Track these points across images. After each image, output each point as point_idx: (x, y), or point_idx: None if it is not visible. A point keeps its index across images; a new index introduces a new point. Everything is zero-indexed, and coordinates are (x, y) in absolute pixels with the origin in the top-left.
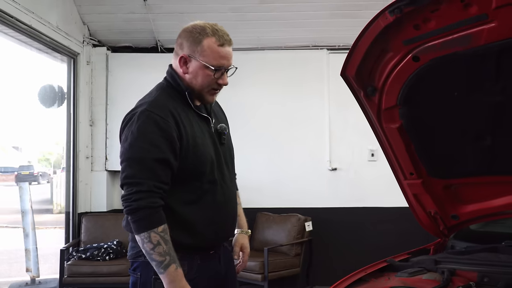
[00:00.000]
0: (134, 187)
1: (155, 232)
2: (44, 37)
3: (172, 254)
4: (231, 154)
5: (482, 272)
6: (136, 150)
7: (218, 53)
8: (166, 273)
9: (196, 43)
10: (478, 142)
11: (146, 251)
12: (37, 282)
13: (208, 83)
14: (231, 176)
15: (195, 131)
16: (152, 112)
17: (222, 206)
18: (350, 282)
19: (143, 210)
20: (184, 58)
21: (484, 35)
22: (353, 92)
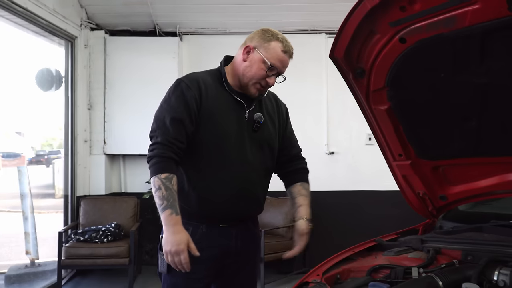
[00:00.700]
0: (153, 140)
1: (158, 178)
2: (40, 20)
3: (171, 200)
4: (262, 143)
5: (466, 251)
6: (160, 110)
7: (279, 56)
8: (162, 215)
9: (266, 41)
10: (464, 123)
11: (154, 194)
12: (37, 265)
13: (259, 76)
14: (256, 162)
15: (220, 106)
16: (182, 81)
17: (235, 184)
18: (337, 260)
19: (154, 159)
20: (250, 48)
21: (468, 17)
22: (342, 74)
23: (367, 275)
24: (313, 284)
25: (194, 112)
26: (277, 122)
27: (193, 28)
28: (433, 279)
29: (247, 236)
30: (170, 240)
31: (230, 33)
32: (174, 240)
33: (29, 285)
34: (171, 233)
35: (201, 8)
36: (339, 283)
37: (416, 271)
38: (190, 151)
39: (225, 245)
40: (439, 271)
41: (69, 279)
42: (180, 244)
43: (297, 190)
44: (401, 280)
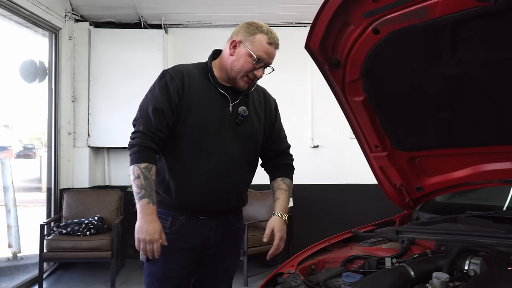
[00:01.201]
0: (135, 128)
1: (138, 167)
2: (23, 10)
3: (149, 190)
4: (246, 136)
5: (439, 241)
6: (144, 100)
7: (265, 48)
8: (138, 204)
9: (251, 34)
10: (438, 114)
11: (131, 183)
12: (19, 258)
13: (246, 69)
14: (236, 154)
15: (202, 98)
16: (167, 72)
17: (213, 176)
18: (313, 251)
19: (135, 147)
20: (235, 42)
21: (438, 8)
22: (318, 65)
23: (341, 266)
24: (287, 275)
25: (175, 103)
26: (263, 116)
27: (178, 21)
28: (405, 268)
29: (227, 229)
30: (145, 229)
31: (215, 26)
32: (148, 229)
33: (10, 278)
34: (146, 222)
35: (186, 0)
36: (313, 273)
37: (389, 261)
38: (171, 142)
39: (205, 236)
40: (412, 261)
41: (51, 272)
42: (154, 233)
43: (277, 185)
44: (374, 270)
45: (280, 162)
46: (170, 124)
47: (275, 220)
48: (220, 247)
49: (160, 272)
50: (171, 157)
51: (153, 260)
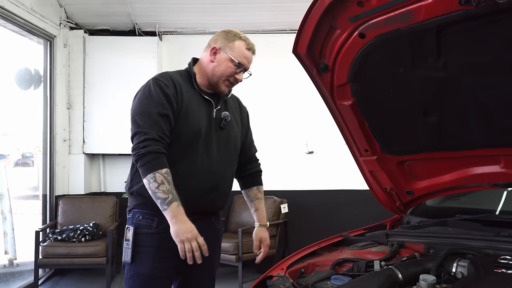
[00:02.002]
0: (143, 136)
1: (160, 173)
2: (18, 18)
3: (174, 193)
4: (229, 140)
5: (428, 244)
6: (144, 106)
7: (244, 53)
8: (169, 209)
9: (230, 41)
10: (426, 118)
11: (152, 191)
12: (15, 265)
13: (228, 74)
14: (221, 157)
15: (191, 104)
16: (158, 79)
17: (198, 177)
18: (303, 254)
19: (150, 155)
20: (216, 49)
21: (422, 12)
22: (306, 70)
23: (331, 269)
24: (276, 278)
25: (175, 108)
26: (240, 122)
27: (172, 28)
28: (393, 271)
29: (210, 230)
30: (184, 229)
31: (209, 33)
32: (186, 228)
33: (5, 284)
34: (181, 223)
35: (180, 8)
36: (303, 277)
37: (378, 264)
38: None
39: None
40: (400, 263)
41: (46, 278)
42: (193, 230)
43: (254, 194)
44: (363, 273)
45: (253, 170)
46: (172, 127)
47: (260, 231)
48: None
49: (148, 273)
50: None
51: (139, 261)
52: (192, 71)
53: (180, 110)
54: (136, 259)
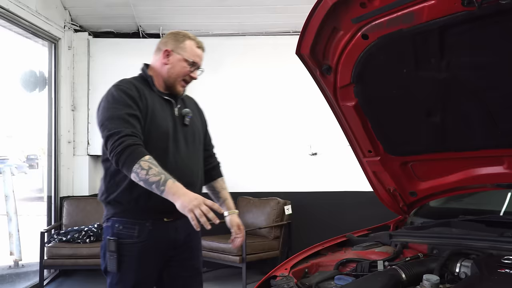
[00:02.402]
0: (116, 136)
1: (144, 160)
2: (23, 21)
3: (165, 172)
4: (194, 135)
5: (432, 244)
6: (112, 111)
7: (195, 52)
8: (166, 188)
9: (180, 42)
10: (429, 119)
11: (143, 180)
12: (20, 265)
13: (183, 74)
14: (190, 152)
15: (155, 106)
16: (120, 85)
17: (172, 173)
18: (307, 255)
19: (128, 148)
20: (168, 51)
21: (425, 13)
22: (309, 71)
23: (334, 269)
24: (280, 278)
25: (141, 109)
26: (200, 119)
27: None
28: (396, 271)
29: (189, 228)
30: (188, 199)
31: (212, 35)
32: (190, 197)
33: (11, 285)
34: (183, 195)
35: (184, 10)
36: (307, 277)
37: (381, 264)
38: None
39: (172, 238)
40: (403, 263)
41: (52, 279)
42: (197, 197)
43: (220, 185)
44: (366, 273)
45: (214, 163)
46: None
47: (234, 218)
48: (187, 247)
49: (133, 280)
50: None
51: (124, 270)
52: (148, 75)
53: (146, 113)
54: (121, 268)
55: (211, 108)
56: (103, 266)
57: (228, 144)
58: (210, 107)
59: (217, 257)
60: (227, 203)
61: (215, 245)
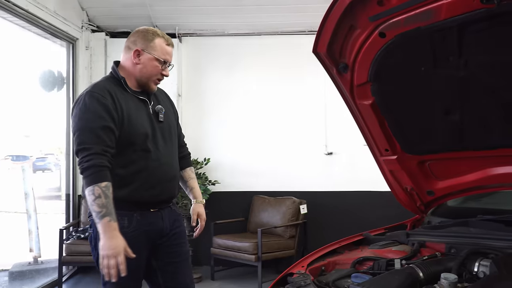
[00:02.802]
0: (86, 152)
1: (99, 187)
2: (41, 22)
3: (110, 208)
4: (170, 130)
5: (450, 244)
6: (85, 122)
7: (166, 50)
8: (101, 222)
9: (149, 41)
10: (447, 117)
11: (89, 203)
12: (40, 262)
13: (156, 73)
14: (168, 148)
15: (130, 108)
16: (94, 92)
17: (156, 171)
18: (323, 253)
19: (92, 168)
20: (138, 51)
21: (443, 10)
22: (326, 70)
23: (351, 267)
24: (297, 275)
25: (116, 118)
26: (173, 111)
27: (191, 30)
28: (413, 269)
29: (173, 217)
30: (108, 245)
31: (228, 35)
32: (112, 244)
33: (31, 281)
34: (108, 238)
35: (199, 10)
36: (323, 274)
37: (398, 263)
38: (118, 154)
39: (159, 226)
40: (421, 262)
41: (70, 276)
42: (117, 247)
43: (188, 175)
44: (383, 271)
45: (184, 153)
46: (117, 137)
47: (197, 206)
48: (173, 234)
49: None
50: (120, 161)
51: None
52: (120, 76)
53: (123, 118)
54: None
55: (226, 107)
56: (94, 257)
57: (243, 144)
58: (225, 107)
59: (232, 256)
60: (194, 192)
61: (231, 244)
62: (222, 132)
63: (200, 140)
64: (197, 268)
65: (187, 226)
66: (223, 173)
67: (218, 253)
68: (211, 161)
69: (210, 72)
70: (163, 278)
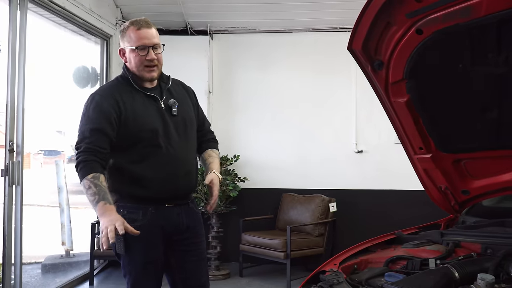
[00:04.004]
0: (77, 151)
1: (87, 179)
2: (77, 19)
3: (102, 194)
4: (185, 123)
5: (485, 244)
6: (82, 124)
7: (138, 35)
8: (97, 207)
9: (123, 36)
10: (485, 115)
11: (85, 193)
12: (71, 255)
13: (139, 62)
14: (182, 142)
15: (137, 106)
16: (96, 94)
17: (168, 166)
18: (355, 251)
19: (80, 165)
20: (121, 50)
21: (484, 6)
22: (360, 67)
23: (384, 266)
24: (329, 273)
25: (114, 119)
26: (191, 103)
27: (223, 27)
28: (449, 270)
29: (190, 214)
30: (104, 220)
31: (260, 32)
32: (109, 218)
33: (63, 274)
34: (106, 216)
35: (231, 7)
36: (356, 273)
37: (433, 262)
38: (128, 150)
39: (174, 222)
40: (456, 262)
41: (101, 269)
42: (112, 220)
43: (208, 154)
44: (417, 271)
45: (206, 138)
46: (112, 139)
47: (213, 176)
48: (191, 232)
49: (141, 259)
50: (124, 160)
51: (133, 250)
52: (129, 74)
53: (127, 117)
54: (129, 250)
55: (256, 104)
56: (114, 250)
57: (273, 141)
58: (255, 104)
59: (261, 253)
60: (211, 165)
61: (260, 241)
62: (252, 129)
63: (229, 137)
64: (225, 264)
65: (216, 223)
66: (252, 170)
67: (246, 250)
68: (240, 158)
69: (241, 69)
70: (179, 275)
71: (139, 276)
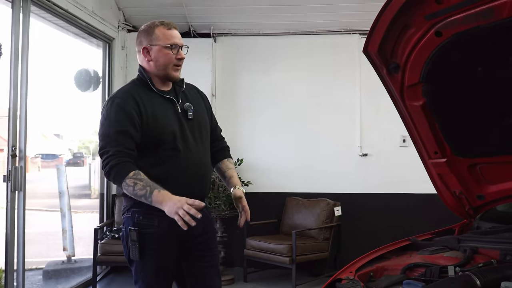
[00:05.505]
0: (105, 155)
1: (128, 178)
2: (80, 21)
3: (150, 184)
4: (200, 127)
5: (504, 250)
6: (105, 127)
7: (169, 34)
8: (153, 198)
9: (150, 34)
10: (503, 119)
11: (132, 194)
12: (73, 261)
13: (170, 60)
14: (198, 146)
15: (156, 108)
16: (117, 97)
17: (186, 169)
18: (370, 258)
19: (114, 168)
20: (146, 48)
21: (507, 8)
22: (375, 69)
23: (401, 273)
24: (345, 281)
25: (137, 121)
26: (205, 108)
27: (226, 30)
28: (470, 277)
29: (205, 221)
30: (170, 204)
31: (263, 34)
32: (172, 202)
33: (65, 280)
34: (167, 201)
35: (235, 9)
36: (372, 280)
37: (452, 270)
38: (147, 153)
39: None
40: (477, 270)
41: (103, 275)
42: (179, 199)
43: (225, 166)
44: (436, 279)
45: (220, 146)
46: (137, 140)
47: (238, 192)
48: (204, 238)
49: (154, 267)
50: (150, 161)
51: (147, 258)
52: (146, 75)
53: (148, 119)
54: (143, 256)
55: (259, 107)
56: (126, 255)
57: (277, 144)
58: (258, 107)
59: (266, 258)
60: (232, 181)
61: (264, 246)
62: (256, 133)
63: (233, 140)
64: (229, 269)
65: (220, 227)
66: (256, 174)
67: (251, 255)
68: (244, 162)
69: (244, 72)
70: (190, 282)
71: (151, 283)
